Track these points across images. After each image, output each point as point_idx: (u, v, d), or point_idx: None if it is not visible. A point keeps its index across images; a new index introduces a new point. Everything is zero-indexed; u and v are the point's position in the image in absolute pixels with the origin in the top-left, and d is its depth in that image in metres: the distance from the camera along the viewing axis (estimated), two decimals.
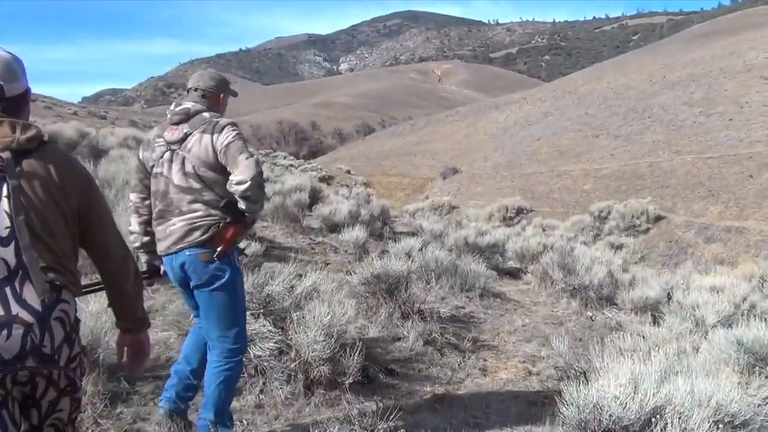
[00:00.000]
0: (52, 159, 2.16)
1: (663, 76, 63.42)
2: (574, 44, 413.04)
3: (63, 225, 2.16)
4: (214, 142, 3.29)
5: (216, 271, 3.34)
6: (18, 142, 2.08)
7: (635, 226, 27.91)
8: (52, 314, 2.04)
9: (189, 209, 3.32)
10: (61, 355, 2.06)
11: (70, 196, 2.17)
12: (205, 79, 3.57)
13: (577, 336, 7.04)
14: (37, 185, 2.09)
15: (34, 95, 57.19)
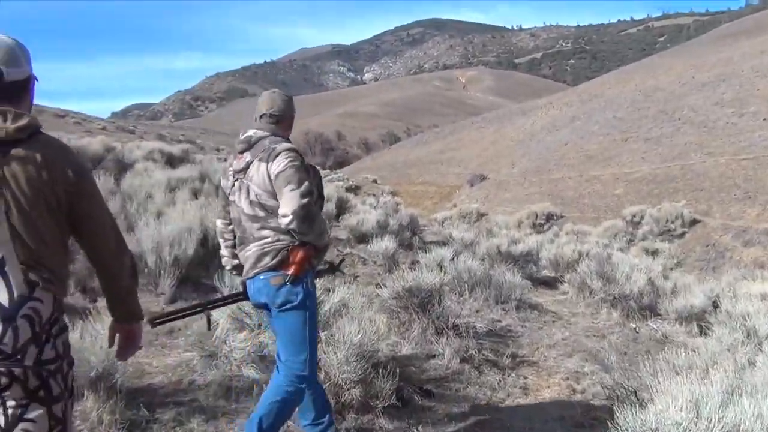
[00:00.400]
0: (42, 149, 2.06)
1: (692, 77, 62.32)
2: (599, 47, 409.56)
3: (48, 219, 2.07)
4: (269, 170, 3.28)
5: (288, 294, 3.32)
6: (7, 132, 2.00)
7: (670, 230, 27.23)
8: (20, 311, 1.97)
9: (259, 236, 3.35)
10: (25, 354, 1.98)
11: (56, 186, 2.07)
12: (278, 102, 3.55)
13: (621, 350, 6.67)
14: (21, 177, 2.00)
15: (64, 111, 57.88)
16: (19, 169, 2.00)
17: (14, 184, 1.99)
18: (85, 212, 2.17)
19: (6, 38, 2.12)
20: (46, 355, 2.04)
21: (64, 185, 2.09)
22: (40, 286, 2.03)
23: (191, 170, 10.77)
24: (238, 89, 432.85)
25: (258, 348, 4.13)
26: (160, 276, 5.75)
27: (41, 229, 2.05)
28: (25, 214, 2.01)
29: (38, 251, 2.04)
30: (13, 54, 2.10)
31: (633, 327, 7.50)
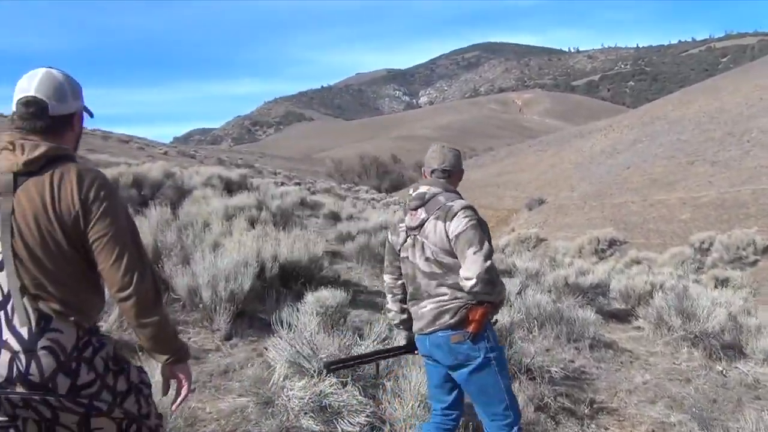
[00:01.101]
0: (52, 179, 2.05)
1: (760, 98, 60.24)
2: (659, 69, 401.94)
3: (56, 251, 2.04)
4: (447, 229, 3.21)
5: (469, 351, 3.24)
6: (17, 165, 2.03)
7: (741, 258, 25.98)
8: (39, 343, 1.97)
9: (436, 293, 3.29)
10: (56, 383, 1.98)
11: (63, 216, 2.04)
12: (449, 157, 3.50)
13: (709, 396, 6.09)
14: (28, 210, 2.02)
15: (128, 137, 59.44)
16: (25, 202, 2.02)
17: (20, 217, 2.01)
18: (92, 237, 2.07)
19: (57, 74, 2.18)
20: (81, 380, 2.04)
21: (71, 216, 2.04)
22: (59, 317, 2.02)
23: (248, 198, 10.60)
24: (295, 114, 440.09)
25: (318, 397, 3.80)
26: (215, 311, 5.49)
27: (45, 261, 2.03)
28: (28, 246, 2.01)
29: (44, 283, 2.03)
30: (61, 90, 2.15)
31: (720, 370, 6.90)
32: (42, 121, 2.12)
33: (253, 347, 5.35)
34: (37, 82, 2.14)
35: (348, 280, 8.36)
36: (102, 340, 2.17)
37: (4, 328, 1.98)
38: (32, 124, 2.12)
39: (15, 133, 2.12)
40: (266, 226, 8.72)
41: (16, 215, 2.01)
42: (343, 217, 14.31)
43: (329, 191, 41.39)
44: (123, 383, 2.20)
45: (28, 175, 2.04)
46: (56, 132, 2.16)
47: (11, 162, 2.04)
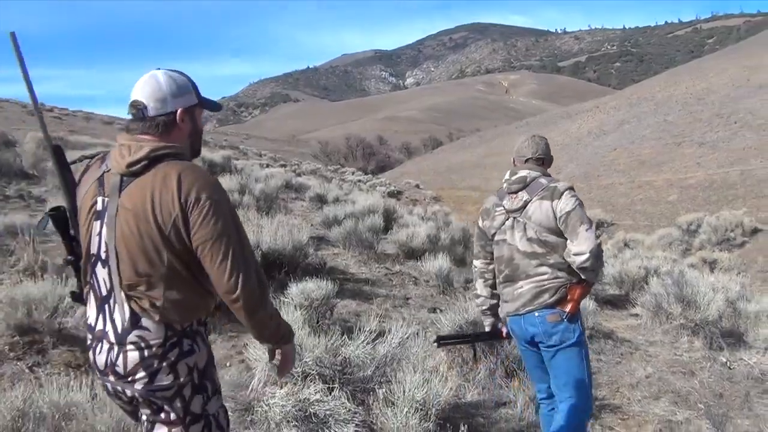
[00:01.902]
0: (153, 181, 2.04)
1: (747, 79, 60.19)
2: (645, 50, 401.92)
3: (152, 250, 2.04)
4: (555, 207, 3.34)
5: (565, 332, 3.35)
6: (121, 167, 2.08)
7: (729, 239, 25.81)
8: (128, 338, 2.05)
9: (535, 272, 3.38)
10: (135, 378, 2.05)
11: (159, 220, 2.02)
12: (541, 146, 3.64)
13: (716, 390, 5.80)
14: (129, 211, 2.05)
15: (111, 118, 58.34)
16: (127, 203, 2.05)
17: (122, 218, 2.05)
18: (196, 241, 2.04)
19: (160, 75, 2.20)
20: (158, 380, 2.06)
21: (164, 215, 2.02)
22: (148, 316, 2.05)
23: (230, 181, 10.18)
24: (280, 95, 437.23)
25: (302, 404, 3.43)
26: None
27: (139, 261, 2.05)
28: (128, 246, 2.05)
29: (138, 282, 2.06)
30: (159, 91, 2.16)
31: (724, 362, 6.60)
32: (144, 122, 2.15)
33: (233, 344, 4.99)
34: (140, 85, 2.18)
35: (334, 267, 7.99)
36: (194, 346, 2.13)
37: (107, 320, 2.09)
38: (137, 125, 2.17)
39: (127, 135, 2.17)
40: (248, 212, 8.32)
41: (119, 216, 2.06)
42: (329, 200, 13.92)
43: (315, 173, 40.94)
44: (198, 405, 2.14)
45: (133, 176, 2.07)
46: (163, 131, 2.16)
47: (118, 164, 2.09)
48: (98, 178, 2.15)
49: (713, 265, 20.26)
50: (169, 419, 2.09)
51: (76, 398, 3.06)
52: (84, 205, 2.17)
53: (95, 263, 2.12)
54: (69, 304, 4.59)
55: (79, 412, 2.98)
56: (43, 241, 6.43)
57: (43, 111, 2.53)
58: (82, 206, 2.18)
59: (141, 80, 2.20)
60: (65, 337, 4.50)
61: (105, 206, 2.10)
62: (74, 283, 2.29)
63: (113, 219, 2.06)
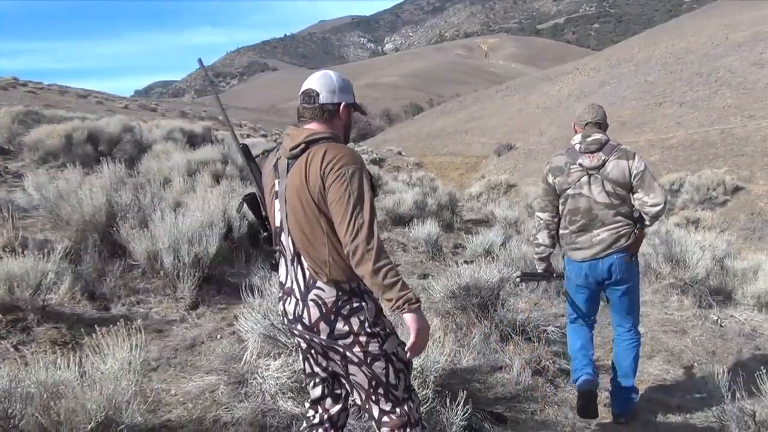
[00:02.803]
0: (305, 160, 2.42)
1: (726, 38, 60.13)
2: (624, 10, 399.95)
3: (313, 219, 2.41)
4: (630, 167, 4.00)
5: (631, 270, 4.14)
6: (286, 151, 2.52)
7: (711, 198, 25.97)
8: (308, 296, 2.44)
9: (612, 221, 4.05)
10: (319, 329, 2.43)
11: (312, 189, 2.39)
12: (600, 112, 4.25)
13: (708, 348, 5.81)
14: (291, 187, 2.46)
15: (86, 91, 57.46)
16: (291, 181, 2.46)
17: (290, 193, 2.47)
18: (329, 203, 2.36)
19: (332, 73, 2.66)
20: (338, 330, 2.43)
21: (317, 189, 2.38)
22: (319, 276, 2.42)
23: (212, 151, 9.98)
24: (258, 63, 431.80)
25: (297, 375, 3.35)
26: (178, 278, 4.98)
27: (305, 229, 2.43)
28: (296, 217, 2.45)
29: (307, 248, 2.44)
30: (330, 84, 2.58)
31: (715, 319, 6.61)
32: (314, 108, 2.55)
33: (223, 316, 4.89)
34: (315, 78, 2.61)
35: None
36: (362, 303, 2.47)
37: (293, 279, 2.51)
38: (308, 112, 2.57)
39: (294, 126, 2.61)
40: (232, 182, 8.16)
41: (288, 192, 2.47)
42: None
43: None
44: (375, 347, 2.47)
45: (295, 158, 2.48)
46: (326, 118, 2.56)
47: (285, 150, 2.54)
48: (274, 165, 2.61)
49: (696, 224, 20.36)
50: (355, 361, 2.47)
51: (64, 376, 2.95)
52: (267, 188, 2.65)
53: (280, 233, 2.58)
54: (52, 280, 4.47)
55: (67, 391, 2.88)
56: (23, 217, 6.26)
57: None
58: (266, 189, 2.66)
59: (315, 75, 2.65)
60: (50, 315, 4.38)
61: (280, 185, 2.54)
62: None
63: (284, 195, 2.50)
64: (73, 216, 5.58)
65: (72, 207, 5.62)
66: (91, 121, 15.29)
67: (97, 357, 3.13)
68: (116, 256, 5.38)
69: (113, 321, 4.45)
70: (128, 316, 4.66)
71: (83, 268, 5.05)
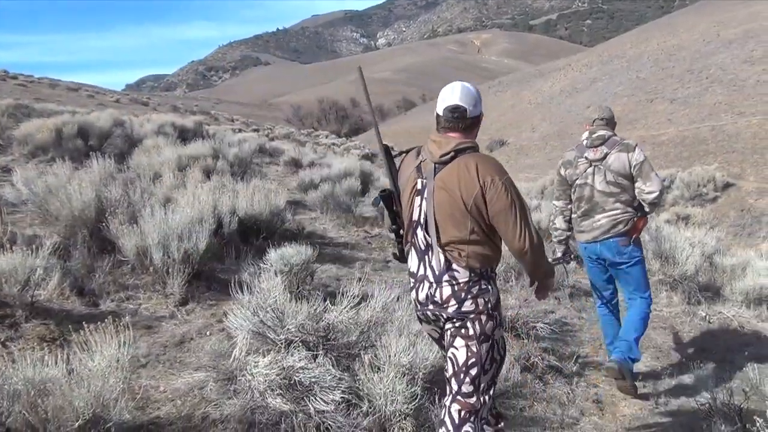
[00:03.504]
0: (456, 168, 2.81)
1: (717, 35, 60.31)
2: (616, 7, 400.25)
3: (456, 216, 2.79)
4: (630, 159, 4.54)
5: (632, 252, 4.65)
6: (434, 158, 2.87)
7: (702, 194, 26.04)
8: (443, 278, 2.83)
9: (611, 208, 4.60)
10: (447, 305, 2.84)
11: (465, 196, 2.77)
12: (606, 111, 4.83)
13: (696, 344, 5.85)
14: (442, 189, 2.82)
15: (77, 85, 57.08)
16: (440, 184, 2.83)
17: (437, 194, 2.83)
18: (487, 213, 2.79)
19: (469, 85, 2.96)
20: (465, 307, 2.83)
21: (468, 193, 2.76)
22: (456, 261, 2.82)
23: (203, 147, 9.95)
24: (251, 58, 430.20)
25: (286, 372, 3.34)
26: (168, 274, 4.95)
27: (450, 224, 2.81)
28: (442, 214, 2.82)
29: (450, 239, 2.82)
30: (473, 97, 2.92)
31: (704, 316, 6.65)
32: (463, 122, 2.90)
33: (212, 312, 4.87)
34: (459, 93, 2.90)
35: (312, 232, 7.89)
36: (488, 286, 2.89)
37: (426, 267, 2.90)
38: (455, 124, 2.90)
39: (440, 132, 2.94)
40: (223, 177, 8.14)
41: (435, 192, 2.84)
42: (304, 164, 13.73)
43: (288, 137, 40.46)
44: (490, 328, 2.87)
45: (443, 164, 2.85)
46: (469, 130, 2.94)
47: (433, 155, 2.89)
48: (416, 166, 2.94)
49: (687, 220, 20.44)
50: (468, 334, 2.83)
51: (52, 374, 2.93)
52: (407, 186, 2.96)
53: (416, 227, 2.92)
54: (41, 276, 4.44)
55: (55, 388, 2.86)
56: (11, 212, 6.23)
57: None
58: (405, 187, 2.97)
59: (455, 88, 2.93)
60: (38, 311, 4.36)
61: (424, 186, 2.88)
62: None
63: (431, 195, 2.84)
64: (62, 211, 5.56)
65: (61, 202, 5.59)
66: (81, 116, 15.20)
67: (85, 354, 3.12)
68: (105, 251, 5.35)
69: (102, 317, 4.43)
70: (117, 312, 4.64)
71: (72, 263, 5.03)
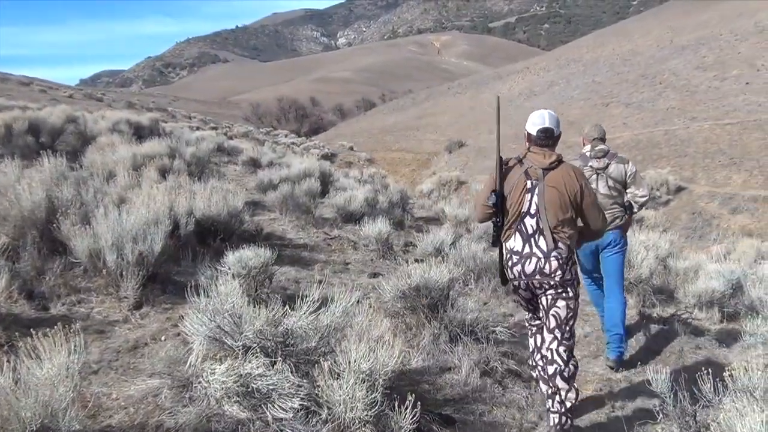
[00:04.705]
0: (561, 172, 3.92)
1: (670, 41, 61.73)
2: (573, 11, 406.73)
3: (563, 207, 3.87)
4: (626, 169, 5.63)
5: (623, 241, 5.65)
6: (543, 164, 3.94)
7: (655, 197, 26.57)
8: (551, 254, 3.86)
9: (610, 208, 5.55)
10: (554, 274, 3.88)
11: (570, 193, 3.89)
12: (602, 130, 5.83)
13: (651, 347, 5.93)
14: (551, 187, 3.89)
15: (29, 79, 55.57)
16: (549, 183, 3.89)
17: (547, 191, 3.88)
18: (581, 204, 3.94)
19: (552, 112, 4.15)
20: (565, 276, 3.90)
21: (571, 190, 3.89)
22: (561, 241, 3.87)
23: (159, 145, 9.74)
24: (209, 55, 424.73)
25: (243, 380, 3.27)
26: (122, 277, 4.83)
27: (558, 214, 3.85)
28: (552, 205, 3.86)
29: (557, 223, 3.85)
30: (557, 121, 4.09)
31: (658, 319, 6.76)
32: (552, 140, 4.01)
33: (167, 316, 4.75)
34: (547, 118, 4.03)
35: (271, 234, 7.80)
36: (575, 259, 4.15)
37: (533, 247, 3.88)
38: (547, 141, 3.99)
39: (537, 146, 3.99)
40: (180, 177, 7.99)
41: (546, 190, 3.87)
42: (263, 164, 13.59)
43: (247, 135, 40.08)
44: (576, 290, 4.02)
45: (549, 169, 3.91)
46: (555, 144, 4.05)
47: (540, 163, 3.93)
48: (524, 171, 3.93)
49: (641, 222, 20.83)
50: (568, 296, 3.95)
51: None
52: (517, 186, 3.91)
53: (524, 217, 3.90)
54: None
55: (0, 398, 2.75)
56: None
57: None
58: (515, 187, 3.91)
59: (544, 115, 4.07)
60: None
61: (534, 185, 3.89)
62: None
63: (543, 192, 3.87)
64: (11, 211, 5.37)
65: (10, 202, 5.40)
66: (33, 111, 14.77)
67: (33, 361, 3.00)
68: (57, 253, 5.19)
69: (52, 322, 4.30)
70: (68, 316, 4.51)
71: (21, 266, 4.87)
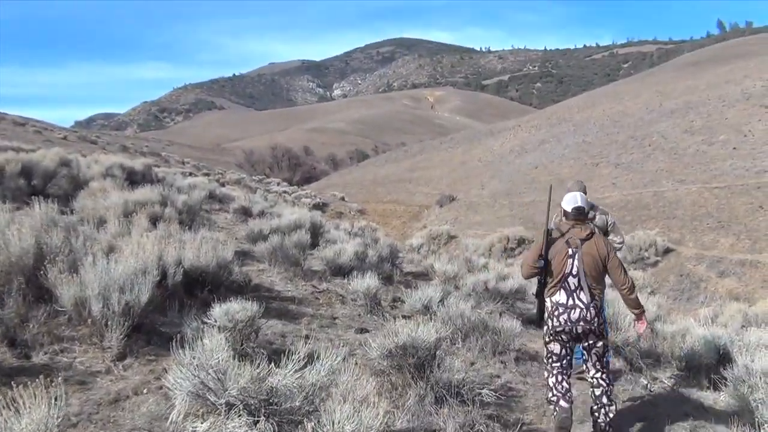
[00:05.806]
0: (594, 243, 5.13)
1: (659, 104, 62.91)
2: (565, 72, 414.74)
3: (597, 269, 5.08)
4: (607, 219, 6.98)
5: None
6: (580, 236, 5.14)
7: (643, 258, 26.76)
8: (590, 305, 5.00)
9: None
10: (594, 320, 5.00)
11: (601, 258, 5.09)
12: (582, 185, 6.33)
13: (638, 413, 5.89)
14: (587, 254, 5.08)
15: (24, 119, 55.63)
16: (586, 251, 5.09)
17: (585, 256, 5.07)
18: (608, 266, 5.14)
19: (583, 194, 5.53)
20: (599, 321, 5.05)
21: (601, 256, 5.09)
22: (596, 295, 5.07)
23: (151, 192, 9.76)
24: (205, 101, 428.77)
25: None
26: (107, 327, 4.78)
27: (593, 273, 5.06)
28: (589, 268, 5.05)
29: (593, 281, 5.06)
30: (586, 202, 5.46)
31: (645, 384, 6.73)
32: (584, 217, 5.32)
33: (151, 368, 4.69)
34: (579, 200, 5.28)
35: (259, 285, 7.76)
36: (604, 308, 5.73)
37: (575, 299, 5.02)
38: (579, 217, 5.25)
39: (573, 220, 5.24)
40: (170, 225, 7.99)
41: (584, 256, 5.07)
42: (254, 213, 13.61)
43: (239, 183, 40.19)
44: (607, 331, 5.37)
45: (585, 240, 5.13)
46: (586, 218, 5.36)
47: (578, 235, 5.14)
48: (566, 241, 5.11)
49: None
50: (603, 337, 5.07)
51: None
52: (560, 252, 5.08)
53: (567, 276, 5.04)
54: None
55: None
56: None
57: None
58: (558, 253, 5.10)
59: (576, 197, 5.30)
60: None
61: (574, 252, 5.06)
62: None
63: (581, 257, 5.05)
64: None
65: None
66: (26, 153, 14.78)
67: (11, 413, 2.95)
68: (42, 300, 5.14)
69: (34, 370, 4.25)
70: (50, 365, 4.44)
71: (5, 312, 4.81)
